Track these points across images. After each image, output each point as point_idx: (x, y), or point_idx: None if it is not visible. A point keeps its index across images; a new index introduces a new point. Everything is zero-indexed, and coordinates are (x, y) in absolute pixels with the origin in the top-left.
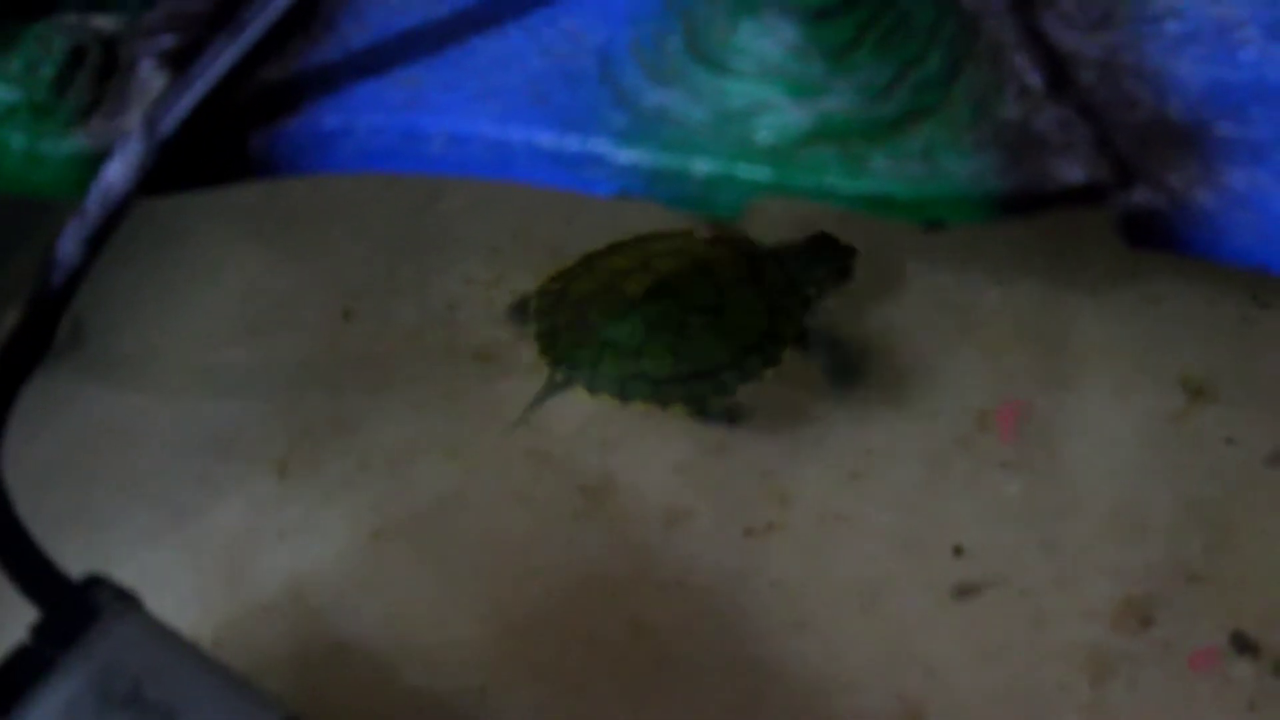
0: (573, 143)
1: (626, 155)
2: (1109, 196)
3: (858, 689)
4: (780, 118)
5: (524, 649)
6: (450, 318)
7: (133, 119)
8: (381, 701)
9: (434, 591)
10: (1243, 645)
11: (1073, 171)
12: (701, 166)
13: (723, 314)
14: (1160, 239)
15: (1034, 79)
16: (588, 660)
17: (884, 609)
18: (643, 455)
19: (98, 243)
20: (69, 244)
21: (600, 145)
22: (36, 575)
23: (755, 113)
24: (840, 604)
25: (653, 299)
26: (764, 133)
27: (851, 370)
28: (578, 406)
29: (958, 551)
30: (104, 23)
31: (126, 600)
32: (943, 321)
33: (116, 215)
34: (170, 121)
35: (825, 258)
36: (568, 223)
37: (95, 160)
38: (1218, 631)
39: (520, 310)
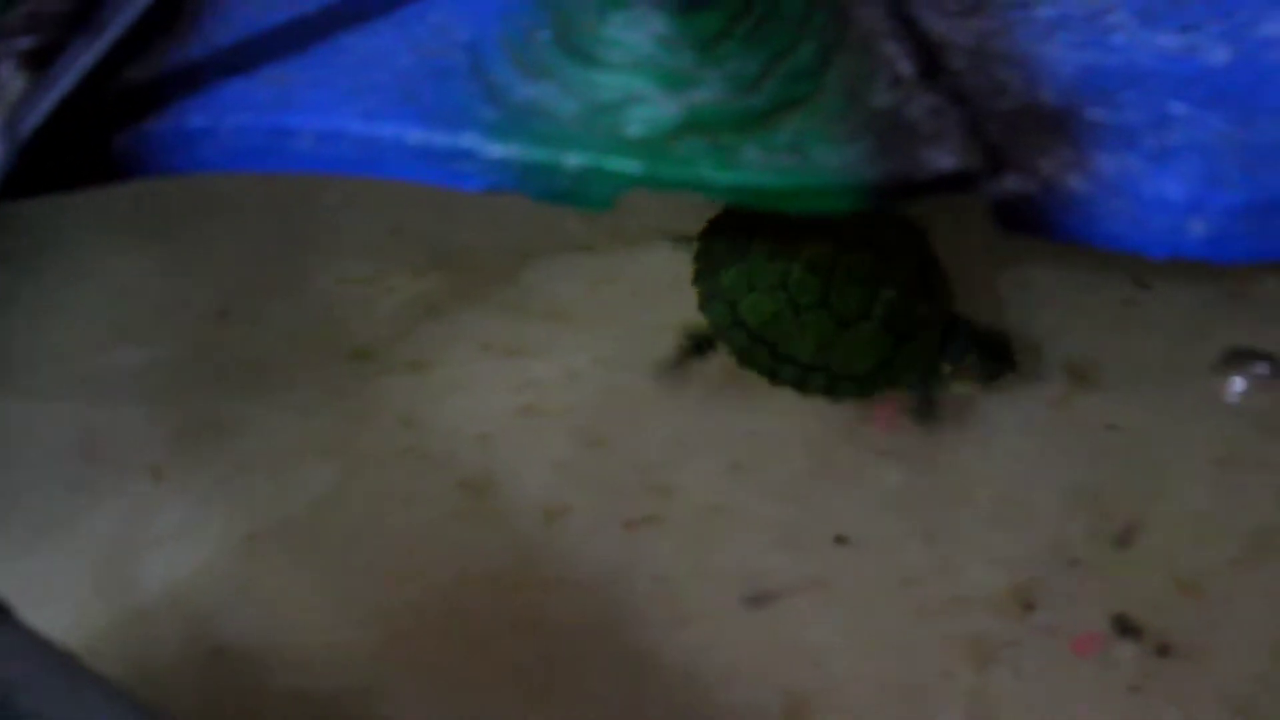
0: (442, 138)
1: (497, 150)
2: (980, 183)
3: (741, 682)
4: (651, 110)
5: (406, 649)
6: (328, 317)
7: None
8: (262, 705)
9: (314, 593)
10: (1125, 628)
11: (944, 159)
12: (572, 160)
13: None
14: (1033, 224)
15: (905, 67)
16: (471, 659)
17: (766, 600)
18: (522, 451)
19: None
20: None
21: (470, 140)
22: None
23: (626, 105)
24: (722, 596)
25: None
26: (635, 125)
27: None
28: (456, 403)
29: (840, 541)
30: None
31: None
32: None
33: None
34: (30, 124)
35: (992, 358)
36: (446, 219)
37: None
38: (1100, 616)
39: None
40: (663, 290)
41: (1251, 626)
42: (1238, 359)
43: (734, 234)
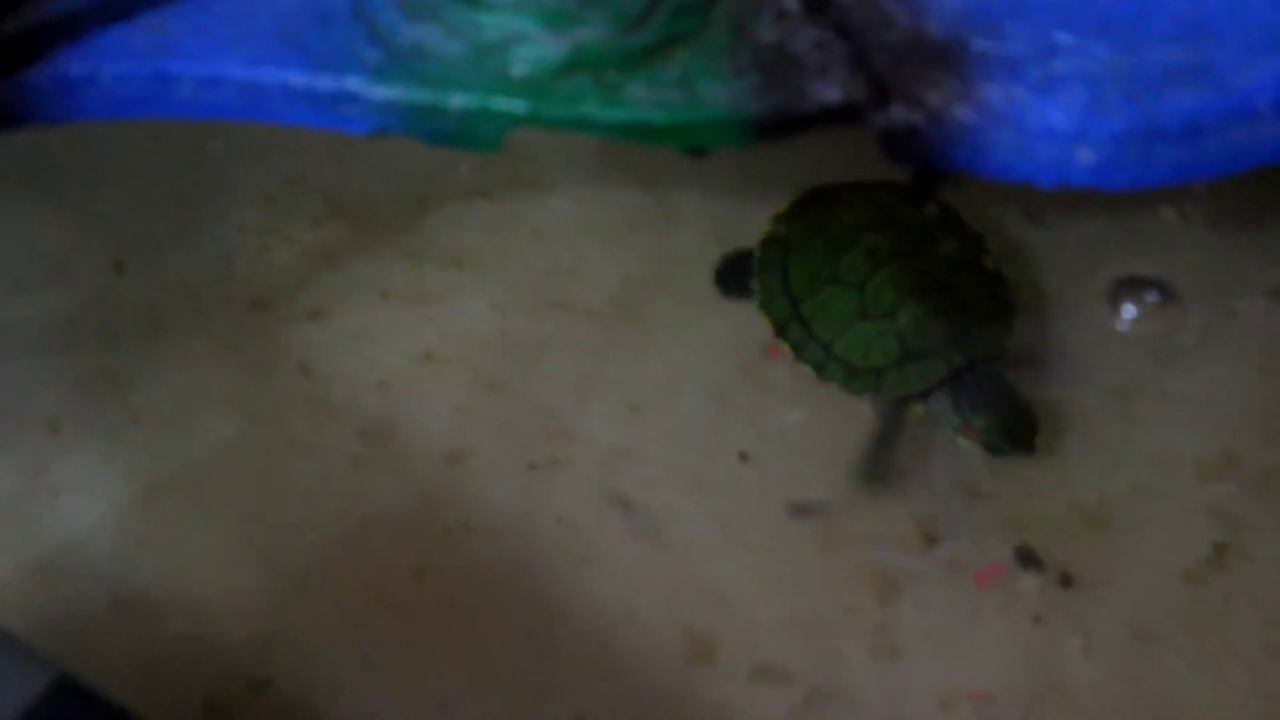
0: (326, 82)
1: (381, 92)
2: (867, 115)
3: (647, 622)
4: (535, 49)
5: (307, 598)
6: (225, 267)
7: None
8: (162, 656)
9: (214, 544)
10: (1027, 559)
11: (830, 92)
12: (457, 101)
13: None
14: (920, 155)
15: (791, 1)
16: (372, 608)
17: (671, 540)
18: (423, 398)
19: None
20: None
21: (354, 83)
22: None
23: (510, 45)
24: (626, 537)
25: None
26: (519, 65)
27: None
28: (355, 351)
29: (742, 480)
30: None
31: None
32: (720, 251)
33: None
34: None
35: (1009, 434)
36: (343, 168)
37: None
38: (1002, 547)
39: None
40: (562, 236)
41: (1153, 555)
42: (1129, 287)
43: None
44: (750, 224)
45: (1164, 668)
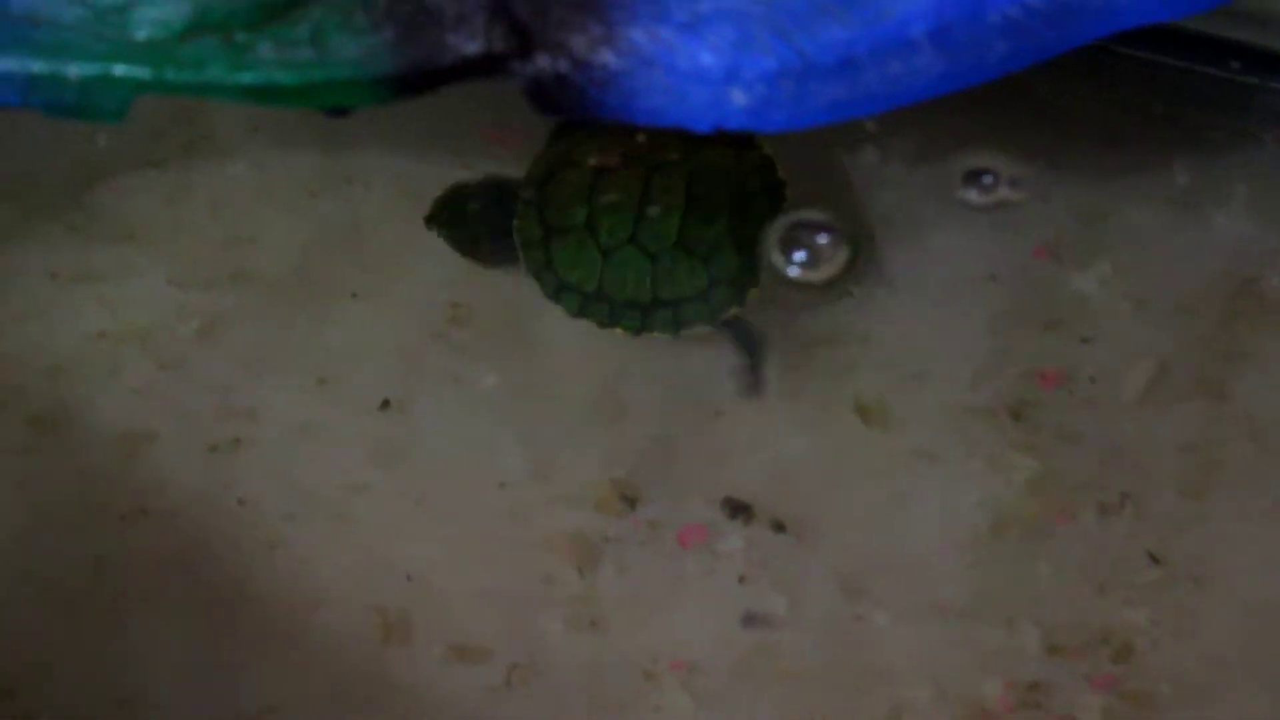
0: None
1: None
2: (510, 66)
3: (335, 603)
4: (157, 11)
5: None
6: None
7: None
8: None
9: None
10: (734, 509)
11: (469, 43)
12: (75, 70)
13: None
14: (570, 105)
15: None
16: (43, 606)
17: (357, 518)
18: (96, 380)
19: None
20: None
21: None
22: None
23: (130, 7)
24: (312, 517)
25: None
26: (141, 28)
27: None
28: (22, 335)
29: (433, 451)
30: None
31: None
32: (406, 210)
33: None
34: None
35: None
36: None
37: None
38: (707, 505)
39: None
40: (241, 204)
41: (856, 505)
42: (796, 231)
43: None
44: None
45: (871, 622)
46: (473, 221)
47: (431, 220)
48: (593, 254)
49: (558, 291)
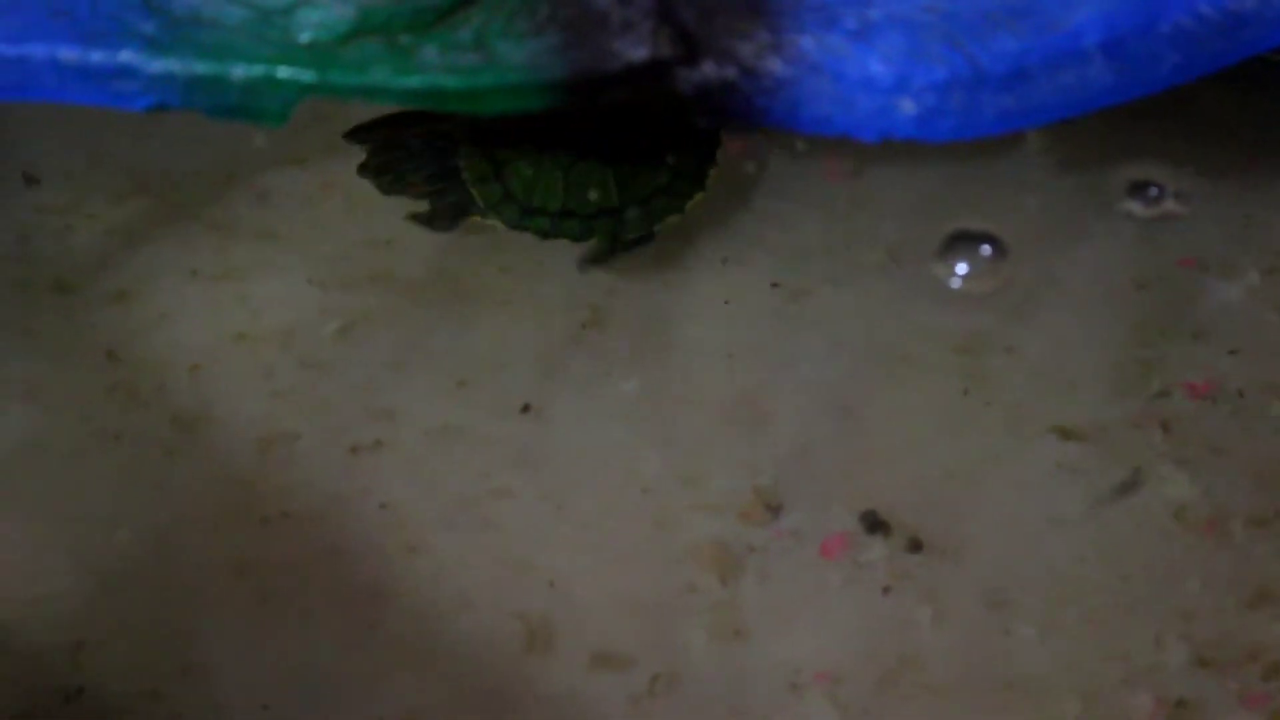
0: (99, 56)
1: (159, 65)
2: (677, 73)
3: (477, 608)
4: (321, 14)
5: (119, 599)
6: (23, 250)
7: None
8: None
9: (21, 545)
10: (873, 524)
11: (636, 49)
12: (239, 71)
13: None
14: (735, 113)
15: None
16: (188, 607)
17: (499, 523)
18: (237, 380)
19: None
20: None
21: (129, 56)
22: None
23: (295, 10)
24: (454, 521)
25: None
26: (305, 31)
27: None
28: (164, 334)
29: (577, 455)
30: None
31: None
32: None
33: None
34: None
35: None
36: (145, 141)
37: None
38: (848, 515)
39: None
40: (378, 204)
41: (1001, 517)
42: (960, 242)
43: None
44: None
45: (1017, 635)
46: (410, 163)
47: (366, 167)
48: (553, 173)
49: (521, 217)
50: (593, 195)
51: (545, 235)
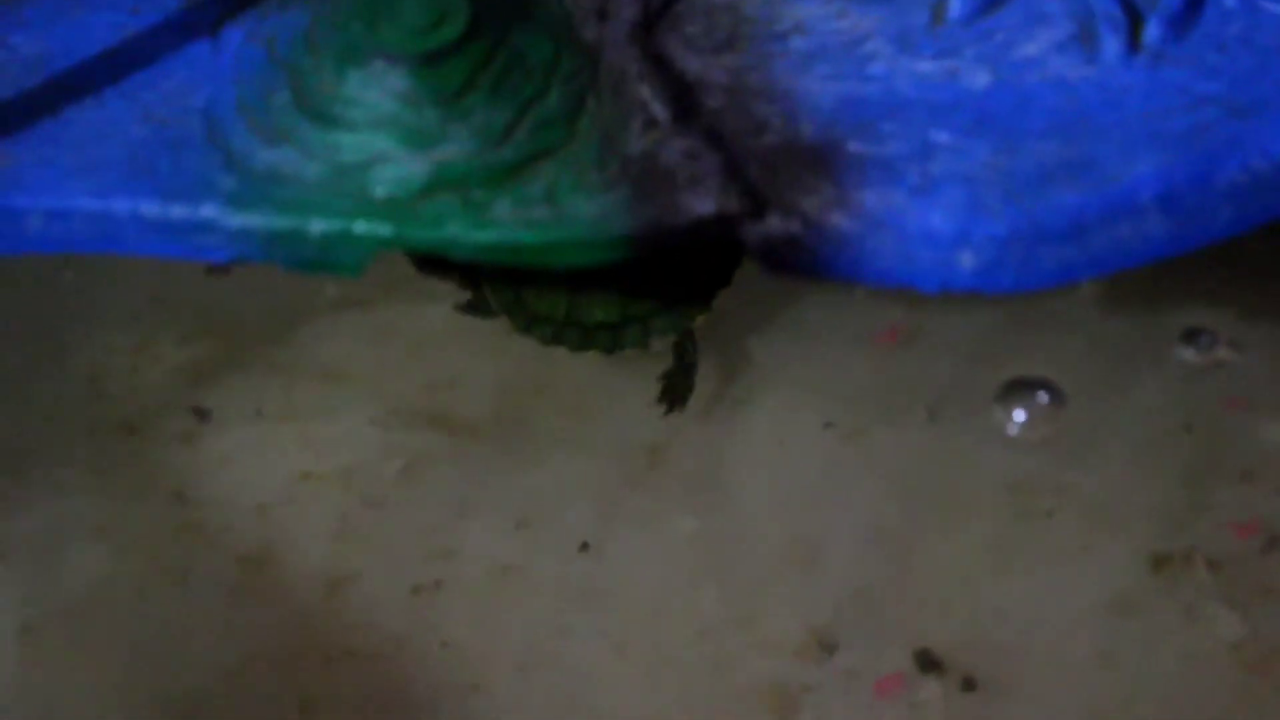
0: (180, 211)
1: (238, 220)
2: (743, 226)
3: None
4: (396, 169)
5: None
6: (93, 390)
7: None
8: None
9: (90, 685)
10: (927, 663)
11: (703, 204)
12: (317, 226)
13: None
14: (800, 265)
15: (659, 110)
16: None
17: (558, 662)
18: (301, 520)
19: None
20: None
21: (210, 211)
22: None
23: (370, 166)
24: (513, 660)
25: None
26: (381, 186)
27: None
28: (230, 473)
29: (634, 597)
30: None
31: None
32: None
33: None
34: None
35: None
36: (209, 283)
37: None
38: (902, 655)
39: None
40: (439, 345)
41: (1052, 656)
42: (1017, 389)
43: None
44: None
45: None
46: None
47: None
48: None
49: (529, 325)
50: (597, 309)
51: (547, 343)
